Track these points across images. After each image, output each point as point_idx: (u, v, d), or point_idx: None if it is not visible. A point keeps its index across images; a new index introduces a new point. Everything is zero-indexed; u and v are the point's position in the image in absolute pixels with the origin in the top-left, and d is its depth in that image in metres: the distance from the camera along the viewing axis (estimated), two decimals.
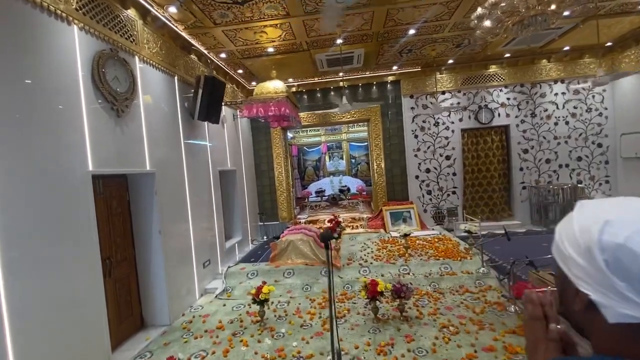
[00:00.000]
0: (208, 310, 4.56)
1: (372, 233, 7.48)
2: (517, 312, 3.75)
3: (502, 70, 7.64)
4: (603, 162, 7.59)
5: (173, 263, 4.38)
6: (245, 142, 7.86)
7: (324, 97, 8.10)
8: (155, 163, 4.18)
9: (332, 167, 14.56)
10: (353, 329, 3.68)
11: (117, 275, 3.82)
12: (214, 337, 3.73)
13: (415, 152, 8.00)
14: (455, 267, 5.12)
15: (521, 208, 7.80)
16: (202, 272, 5.25)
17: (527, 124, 7.73)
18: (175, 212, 4.59)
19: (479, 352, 3.05)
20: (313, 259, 5.62)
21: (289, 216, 8.46)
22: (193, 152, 5.23)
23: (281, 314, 4.21)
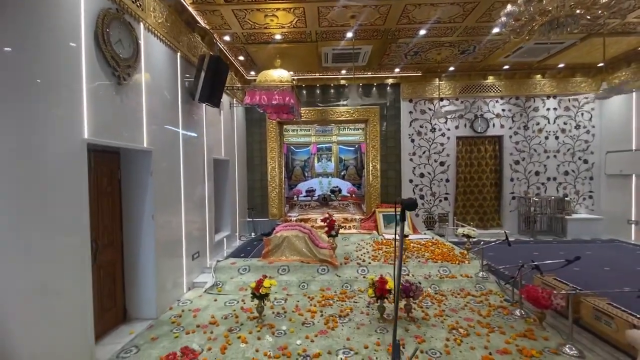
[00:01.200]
0: (198, 304, 4.23)
1: (365, 234, 7.35)
2: (522, 316, 3.71)
3: (499, 82, 7.82)
4: (588, 177, 7.90)
5: (163, 252, 4.03)
6: (239, 134, 7.56)
7: (324, 94, 7.96)
8: (153, 141, 3.84)
9: (320, 169, 14.39)
10: (359, 328, 3.49)
11: (102, 262, 3.44)
12: (208, 333, 3.42)
13: (410, 156, 7.99)
14: (454, 270, 5.06)
15: (509, 217, 7.96)
16: (191, 264, 4.90)
17: (519, 135, 7.93)
18: (170, 197, 4.25)
19: (494, 354, 2.95)
20: (309, 257, 5.39)
21: (279, 213, 8.19)
22: (190, 136, 4.90)
23: (279, 311, 3.95)
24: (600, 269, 5.06)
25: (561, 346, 3.02)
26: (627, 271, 4.98)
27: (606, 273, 4.89)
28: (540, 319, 3.47)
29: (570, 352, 2.93)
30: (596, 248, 6.40)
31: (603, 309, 3.04)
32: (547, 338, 3.23)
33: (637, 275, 4.76)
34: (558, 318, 3.53)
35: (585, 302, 3.22)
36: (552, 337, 3.24)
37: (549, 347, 3.06)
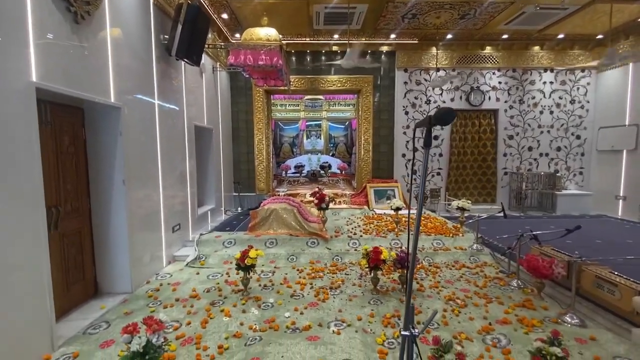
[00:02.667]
0: (178, 278, 3.93)
1: (356, 209, 7.13)
2: (520, 286, 3.58)
3: (497, 53, 7.51)
4: (579, 153, 7.84)
5: (137, 221, 3.67)
6: (223, 102, 7.06)
7: (314, 61, 7.48)
8: (122, 96, 3.40)
9: (309, 146, 13.98)
10: (351, 300, 3.28)
11: (66, 229, 3.07)
12: (187, 307, 3.15)
13: (404, 130, 7.72)
14: (447, 242, 4.92)
15: (501, 193, 7.88)
16: (171, 237, 4.57)
17: (514, 110, 7.73)
18: (144, 161, 3.84)
19: (494, 324, 2.80)
20: (298, 230, 5.13)
21: (267, 188, 7.86)
22: (167, 95, 4.44)
23: (266, 284, 3.71)
24: (592, 241, 5.02)
25: (561, 315, 2.89)
26: (618, 244, 4.95)
27: (598, 245, 4.85)
28: (539, 289, 3.34)
29: (571, 320, 2.80)
30: (585, 223, 6.38)
31: (606, 277, 2.91)
32: (546, 308, 3.10)
33: (628, 248, 4.73)
34: (556, 288, 3.42)
35: (587, 271, 3.08)
36: (552, 307, 3.11)
37: (549, 316, 2.93)
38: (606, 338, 2.54)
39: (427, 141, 1.09)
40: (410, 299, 1.10)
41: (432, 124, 1.03)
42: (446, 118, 0.97)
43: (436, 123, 1.00)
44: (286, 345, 2.43)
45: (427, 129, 1.07)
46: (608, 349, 2.39)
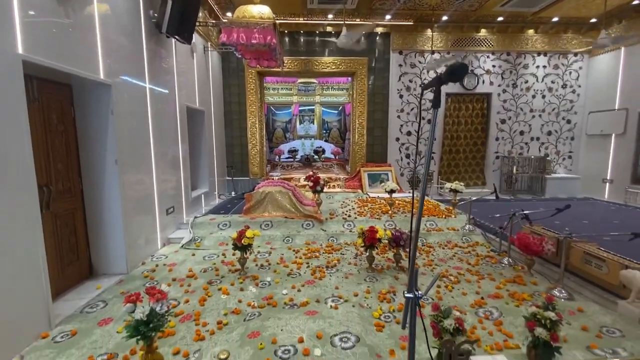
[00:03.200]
0: (174, 259, 3.93)
1: (350, 193, 7.18)
2: (510, 264, 3.68)
3: (492, 36, 7.47)
4: (569, 138, 7.97)
5: (131, 202, 3.62)
6: (215, 84, 6.90)
7: (308, 43, 7.33)
8: (112, 73, 3.29)
9: (302, 131, 13.86)
10: (347, 277, 3.34)
11: (58, 210, 3.01)
12: (185, 286, 3.16)
13: (398, 113, 7.70)
14: (440, 224, 5.01)
15: (492, 177, 8.00)
16: (165, 219, 4.53)
17: (507, 94, 7.77)
18: (136, 141, 3.76)
19: (486, 299, 2.89)
20: (293, 213, 5.15)
21: (260, 172, 7.81)
22: (158, 75, 4.32)
23: (263, 264, 3.73)
24: (580, 222, 5.17)
25: (550, 290, 2.99)
26: (604, 223, 5.11)
27: (586, 225, 5.00)
28: (529, 266, 3.45)
29: (560, 294, 2.90)
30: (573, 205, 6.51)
31: (594, 252, 3.01)
32: (535, 283, 3.21)
33: (614, 227, 4.89)
34: (545, 265, 3.53)
35: (576, 247, 3.18)
36: (541, 282, 3.22)
37: (538, 290, 3.04)
38: (593, 310, 2.65)
39: (435, 102, 1.09)
40: (414, 264, 1.12)
41: (444, 82, 1.02)
42: (459, 72, 0.96)
43: (448, 80, 0.99)
44: (285, 320, 2.47)
45: (437, 89, 1.06)
46: (595, 319, 2.49)
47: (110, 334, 2.38)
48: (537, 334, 1.65)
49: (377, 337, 2.28)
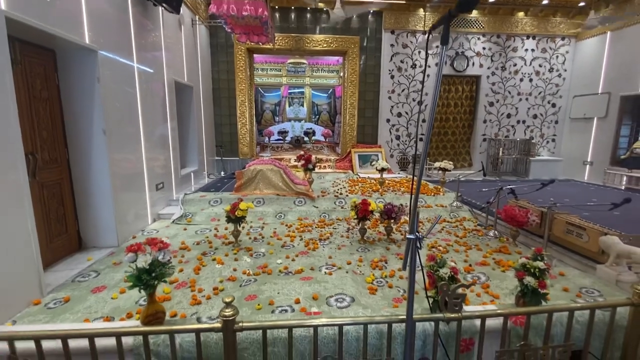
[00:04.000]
0: (166, 233, 3.91)
1: (341, 173, 7.22)
2: (496, 236, 3.83)
3: (483, 17, 7.48)
4: (553, 121, 8.18)
5: (120, 175, 3.55)
6: (203, 60, 6.71)
7: (300, 20, 7.17)
8: (98, 38, 3.14)
9: (292, 114, 13.71)
10: (340, 248, 3.40)
11: (45, 179, 2.92)
12: (178, 257, 3.16)
13: (389, 94, 7.70)
14: (429, 201, 5.12)
15: (479, 159, 8.17)
16: (155, 195, 4.46)
17: (496, 76, 7.86)
18: (124, 111, 3.65)
19: (474, 266, 3.01)
20: (284, 190, 5.15)
21: (250, 152, 7.74)
22: (145, 46, 4.16)
23: (257, 237, 3.75)
24: (562, 199, 5.37)
25: None
26: (584, 201, 5.33)
27: (567, 202, 5.21)
28: (514, 238, 3.59)
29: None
30: (555, 185, 6.81)
31: (576, 222, 3.15)
32: (520, 252, 3.35)
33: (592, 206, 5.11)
34: (529, 236, 3.68)
35: (559, 218, 3.33)
36: (525, 252, 3.36)
37: None
38: (574, 274, 2.80)
39: (444, 38, 1.09)
40: (416, 207, 1.15)
41: (454, 15, 1.02)
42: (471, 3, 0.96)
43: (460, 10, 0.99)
44: (281, 284, 2.51)
45: (446, 25, 1.07)
46: (575, 282, 2.64)
47: (105, 300, 2.37)
48: (525, 282, 1.74)
49: (371, 298, 2.36)
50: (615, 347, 1.75)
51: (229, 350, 1.32)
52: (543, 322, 1.62)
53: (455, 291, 1.36)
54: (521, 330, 1.64)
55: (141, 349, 1.45)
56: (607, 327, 1.62)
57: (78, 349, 1.51)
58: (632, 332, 1.62)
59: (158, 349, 1.51)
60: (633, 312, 1.62)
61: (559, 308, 1.62)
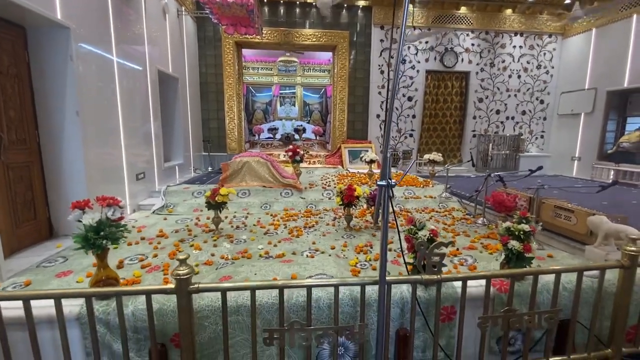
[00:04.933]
0: (144, 222, 3.74)
1: (330, 168, 7.12)
2: (485, 224, 3.76)
3: (471, 14, 7.52)
4: (542, 118, 8.23)
5: (96, 161, 3.39)
6: (190, 53, 6.59)
7: (289, 13, 7.11)
8: (71, 14, 3.01)
9: (283, 113, 13.62)
10: (325, 235, 3.29)
11: (11, 161, 2.77)
12: (154, 244, 3.01)
13: (379, 90, 7.66)
14: (418, 192, 5.05)
15: (469, 155, 8.15)
16: (135, 185, 4.31)
17: (485, 73, 7.89)
18: (100, 94, 3.51)
19: (461, 250, 2.92)
20: (271, 182, 5.03)
21: (239, 148, 7.61)
22: (125, 28, 4.03)
23: (239, 225, 3.62)
24: (550, 192, 5.36)
25: None
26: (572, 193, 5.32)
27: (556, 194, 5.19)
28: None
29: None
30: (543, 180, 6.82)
31: (564, 205, 3.10)
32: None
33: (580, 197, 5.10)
34: None
35: (547, 203, 3.27)
36: None
37: None
38: (562, 255, 2.73)
39: None
40: (388, 151, 1.06)
41: None
42: None
43: None
44: (259, 266, 2.39)
45: None
46: (564, 263, 2.56)
47: (69, 284, 2.21)
48: (510, 247, 1.65)
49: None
50: (605, 317, 1.67)
51: (183, 314, 1.19)
52: (528, 290, 1.53)
53: (434, 250, 1.27)
54: (505, 297, 1.55)
55: None
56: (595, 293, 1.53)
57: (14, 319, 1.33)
58: (621, 297, 1.54)
59: (108, 318, 1.37)
60: (623, 274, 1.54)
61: (545, 270, 1.53)
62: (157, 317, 1.33)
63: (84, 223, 1.37)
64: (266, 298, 1.48)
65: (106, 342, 1.36)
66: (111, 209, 1.46)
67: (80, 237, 1.40)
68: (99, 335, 1.33)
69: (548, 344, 1.51)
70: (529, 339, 1.49)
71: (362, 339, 1.24)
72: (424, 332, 1.52)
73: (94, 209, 1.49)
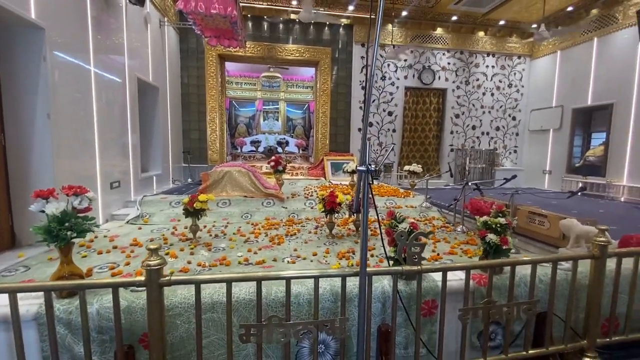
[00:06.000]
0: (118, 232, 3.57)
1: (313, 180, 7.11)
2: (464, 231, 3.82)
3: (447, 34, 7.94)
4: (514, 133, 8.64)
5: (66, 169, 3.25)
6: (172, 64, 6.56)
7: (273, 29, 7.27)
8: (46, 15, 2.95)
9: (266, 127, 13.65)
10: (307, 242, 3.24)
11: None
12: (127, 252, 2.86)
13: (360, 104, 7.85)
14: (399, 202, 5.11)
15: (447, 169, 8.39)
16: (109, 194, 4.14)
17: (461, 90, 8.26)
18: (76, 104, 3.40)
19: (442, 255, 2.94)
20: (253, 192, 4.97)
21: (220, 159, 7.51)
22: (105, 37, 3.98)
23: (218, 234, 3.52)
24: (524, 201, 5.56)
25: None
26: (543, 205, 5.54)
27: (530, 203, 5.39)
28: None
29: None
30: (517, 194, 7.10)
31: (537, 211, 3.21)
32: None
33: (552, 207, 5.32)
34: None
35: (522, 209, 3.38)
36: None
37: None
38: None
39: None
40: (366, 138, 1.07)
41: None
42: None
43: None
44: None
45: None
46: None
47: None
48: (487, 240, 1.68)
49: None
50: (580, 309, 1.70)
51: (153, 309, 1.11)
52: (506, 282, 1.55)
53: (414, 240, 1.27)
54: (485, 290, 1.56)
55: None
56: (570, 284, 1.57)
57: None
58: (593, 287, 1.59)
59: (70, 317, 1.26)
60: (594, 265, 1.60)
61: (522, 261, 1.56)
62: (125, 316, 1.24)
63: (47, 213, 1.28)
64: (243, 294, 1.42)
65: (67, 344, 1.25)
66: (78, 198, 1.38)
67: (41, 228, 1.30)
68: (59, 336, 1.21)
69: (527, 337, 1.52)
70: (508, 332, 1.50)
71: (343, 333, 1.19)
72: (406, 328, 1.50)
73: (59, 198, 1.40)
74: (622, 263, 1.75)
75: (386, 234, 1.62)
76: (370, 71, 1.18)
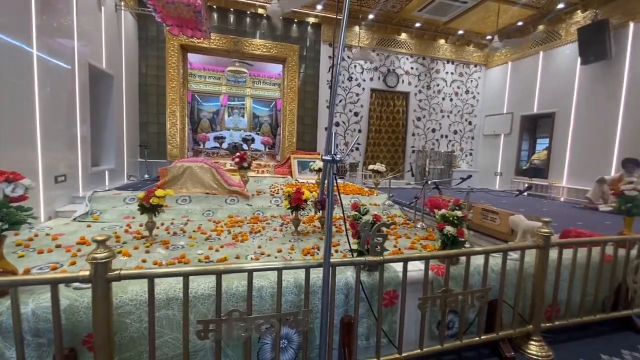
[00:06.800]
0: (62, 230, 3.27)
1: (279, 178, 7.03)
2: (424, 227, 3.99)
3: (410, 40, 8.25)
4: (470, 137, 9.19)
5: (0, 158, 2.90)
6: (129, 51, 6.14)
7: (239, 22, 7.08)
8: None
9: (231, 124, 13.26)
10: (271, 240, 3.19)
11: None
12: (73, 251, 2.63)
13: (327, 104, 7.89)
14: (364, 200, 5.21)
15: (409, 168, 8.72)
16: (52, 190, 3.77)
17: (423, 94, 8.63)
18: (11, 82, 3.05)
19: (403, 250, 3.04)
20: (216, 189, 4.80)
21: (180, 155, 7.17)
22: (50, 18, 3.61)
23: (177, 232, 3.35)
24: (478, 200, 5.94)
25: None
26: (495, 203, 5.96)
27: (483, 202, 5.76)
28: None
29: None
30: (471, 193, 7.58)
31: (489, 208, 3.44)
32: None
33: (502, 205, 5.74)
34: None
35: (476, 207, 3.60)
36: None
37: None
38: None
39: None
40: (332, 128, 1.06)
41: None
42: None
43: None
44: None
45: None
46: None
47: None
48: (445, 232, 1.76)
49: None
50: (526, 296, 1.85)
51: (99, 307, 1.01)
52: (462, 272, 1.64)
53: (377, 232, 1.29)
54: (442, 280, 1.64)
55: None
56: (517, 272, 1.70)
57: None
58: (538, 275, 1.74)
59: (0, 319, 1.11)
60: (539, 254, 1.74)
61: (476, 251, 1.66)
62: (66, 316, 1.12)
63: None
64: (202, 289, 1.35)
65: None
66: (11, 185, 1.22)
67: None
68: None
69: (480, 324, 1.62)
70: (463, 319, 1.58)
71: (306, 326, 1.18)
72: (368, 319, 1.52)
73: None
74: (563, 253, 1.92)
75: (350, 226, 1.64)
76: (336, 70, 1.17)
